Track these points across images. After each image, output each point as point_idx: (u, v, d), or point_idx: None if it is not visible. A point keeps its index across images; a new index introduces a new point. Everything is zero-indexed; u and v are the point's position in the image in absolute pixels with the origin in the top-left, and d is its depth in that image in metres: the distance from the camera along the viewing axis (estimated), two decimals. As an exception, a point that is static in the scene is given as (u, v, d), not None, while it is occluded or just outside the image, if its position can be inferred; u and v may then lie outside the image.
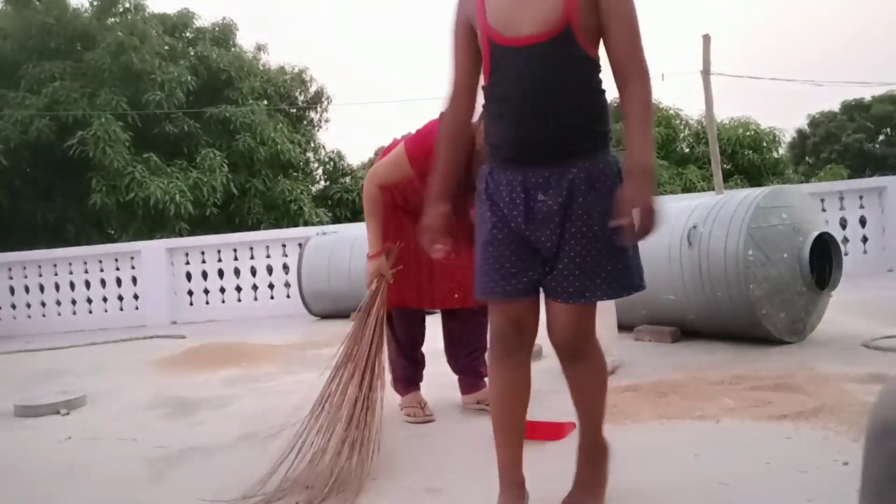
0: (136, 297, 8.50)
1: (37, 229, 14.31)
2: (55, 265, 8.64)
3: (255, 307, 8.27)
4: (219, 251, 8.44)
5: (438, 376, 3.56)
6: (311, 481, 2.03)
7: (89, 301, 8.56)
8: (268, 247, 8.42)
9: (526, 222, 1.60)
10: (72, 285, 8.61)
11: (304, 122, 20.56)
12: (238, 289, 8.40)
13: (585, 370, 1.76)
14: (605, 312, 3.46)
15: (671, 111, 25.11)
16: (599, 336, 3.30)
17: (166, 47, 16.26)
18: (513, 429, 1.72)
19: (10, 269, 8.69)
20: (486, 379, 2.81)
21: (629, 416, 2.49)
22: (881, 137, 34.05)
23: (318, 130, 20.94)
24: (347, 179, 20.61)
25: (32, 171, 14.67)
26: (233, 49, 18.76)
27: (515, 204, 1.61)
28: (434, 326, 2.96)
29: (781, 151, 20.48)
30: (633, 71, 1.57)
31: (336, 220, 18.08)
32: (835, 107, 34.98)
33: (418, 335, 2.91)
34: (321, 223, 16.36)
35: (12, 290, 8.69)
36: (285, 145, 17.12)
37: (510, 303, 1.65)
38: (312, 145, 20.34)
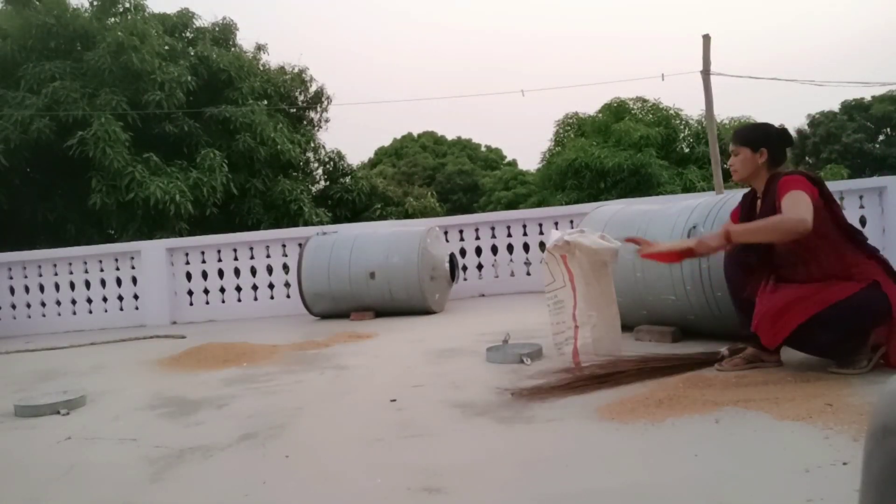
0: (136, 297, 8.50)
1: (37, 229, 14.33)
2: (55, 265, 8.65)
3: (255, 307, 8.26)
4: (219, 251, 8.43)
5: (438, 376, 3.57)
6: None
7: (89, 301, 8.56)
8: (268, 247, 8.42)
9: None
10: (72, 285, 8.61)
11: (304, 122, 20.57)
12: (238, 289, 8.39)
13: None
14: (609, 313, 3.46)
15: (671, 111, 25.05)
16: (601, 336, 3.31)
17: (166, 47, 16.27)
18: None
19: (10, 269, 8.70)
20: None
21: (629, 416, 2.49)
22: (881, 137, 34.06)
23: (318, 130, 20.96)
24: (347, 179, 20.63)
25: (32, 171, 14.68)
26: (233, 49, 18.79)
27: None
28: (438, 326, 2.96)
29: (781, 151, 20.48)
30: None
31: (336, 220, 18.09)
32: (835, 107, 35.06)
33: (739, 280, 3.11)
34: (321, 223, 16.38)
35: (12, 290, 8.69)
36: (285, 145, 17.14)
37: None
38: (312, 145, 20.35)
